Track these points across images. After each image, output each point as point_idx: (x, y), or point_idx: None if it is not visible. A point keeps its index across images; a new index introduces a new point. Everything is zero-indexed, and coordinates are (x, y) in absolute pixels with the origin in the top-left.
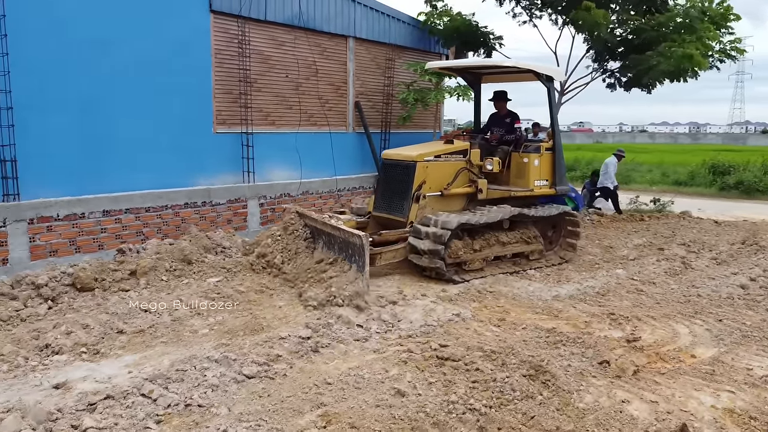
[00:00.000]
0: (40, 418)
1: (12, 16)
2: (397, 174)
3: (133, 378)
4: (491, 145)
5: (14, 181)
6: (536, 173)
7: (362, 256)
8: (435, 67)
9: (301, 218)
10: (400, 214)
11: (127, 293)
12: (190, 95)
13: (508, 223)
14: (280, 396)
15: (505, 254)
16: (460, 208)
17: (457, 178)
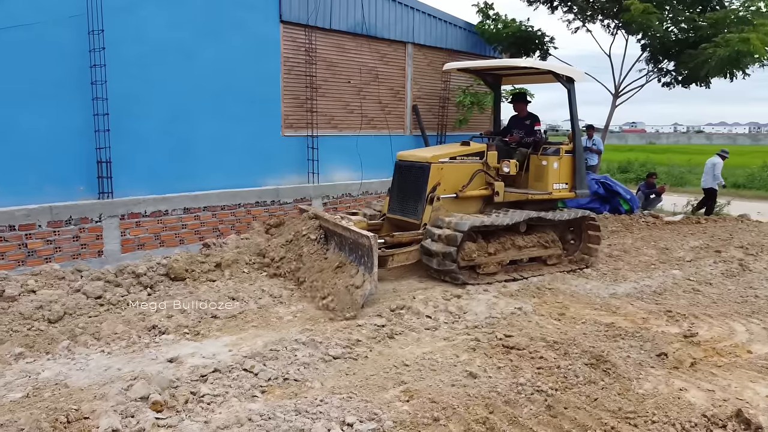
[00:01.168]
0: (163, 385)
1: (109, 31)
2: (411, 175)
3: (233, 355)
4: (510, 147)
5: (109, 180)
6: (555, 176)
7: (371, 257)
8: (454, 67)
9: (316, 220)
10: (413, 216)
11: (214, 283)
12: (261, 101)
13: (525, 227)
14: (364, 374)
15: (522, 258)
16: (476, 211)
17: (473, 180)
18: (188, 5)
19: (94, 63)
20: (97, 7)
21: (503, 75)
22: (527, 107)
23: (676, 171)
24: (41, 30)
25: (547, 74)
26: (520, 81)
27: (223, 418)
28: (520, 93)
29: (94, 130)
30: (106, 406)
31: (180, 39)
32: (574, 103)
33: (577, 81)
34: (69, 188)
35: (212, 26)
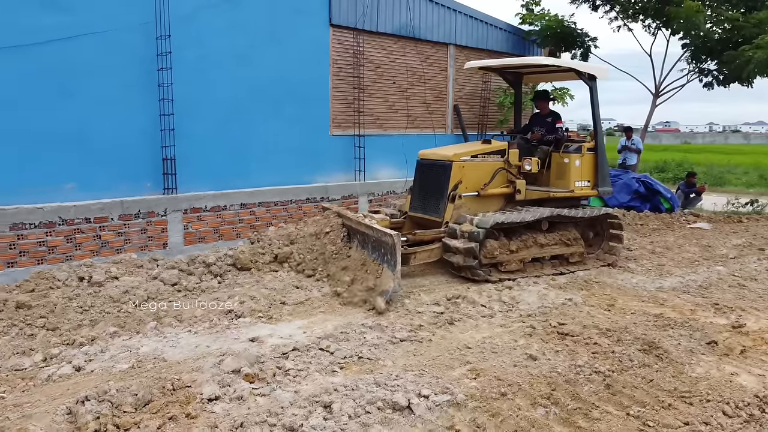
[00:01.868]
0: (251, 360)
1: (175, 36)
2: (433, 174)
3: (308, 336)
4: (531, 145)
5: (173, 176)
6: (577, 174)
7: (394, 255)
8: (475, 66)
9: (339, 217)
10: (435, 214)
11: (276, 273)
12: (311, 102)
13: (547, 224)
14: (431, 355)
15: (544, 256)
16: (498, 209)
17: (495, 179)
18: (245, 11)
19: (161, 66)
20: (164, 14)
21: (524, 73)
22: (549, 105)
23: (715, 171)
24: (114, 36)
25: (568, 72)
26: (542, 79)
27: (311, 389)
28: (542, 91)
29: (160, 129)
30: (204, 376)
31: (238, 43)
32: (596, 101)
33: (599, 78)
34: (137, 184)
35: (267, 31)
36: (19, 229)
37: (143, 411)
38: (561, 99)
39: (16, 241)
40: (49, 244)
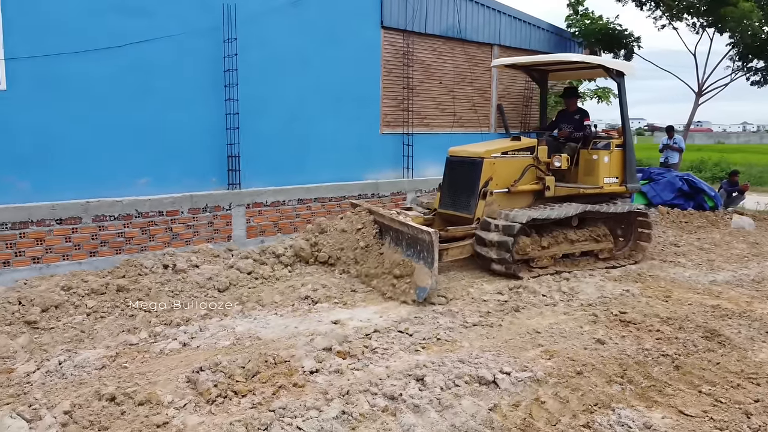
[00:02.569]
0: (339, 339)
1: (241, 39)
2: (463, 171)
3: (385, 320)
4: (559, 142)
5: (237, 173)
6: (606, 170)
7: (431, 252)
8: (501, 63)
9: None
10: (466, 211)
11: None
12: (362, 101)
13: (577, 221)
14: (503, 338)
15: (574, 252)
16: (527, 205)
17: (525, 175)
18: (306, 15)
19: (227, 68)
20: (231, 18)
21: (551, 70)
22: (577, 102)
23: (754, 170)
24: (187, 40)
25: (596, 68)
26: (569, 76)
27: (400, 365)
28: (571, 88)
29: (225, 127)
30: (300, 353)
31: (298, 45)
32: (624, 97)
33: (627, 75)
34: (204, 179)
35: (325, 33)
36: (101, 221)
37: (253, 381)
38: (605, 98)
39: (98, 232)
40: (126, 235)
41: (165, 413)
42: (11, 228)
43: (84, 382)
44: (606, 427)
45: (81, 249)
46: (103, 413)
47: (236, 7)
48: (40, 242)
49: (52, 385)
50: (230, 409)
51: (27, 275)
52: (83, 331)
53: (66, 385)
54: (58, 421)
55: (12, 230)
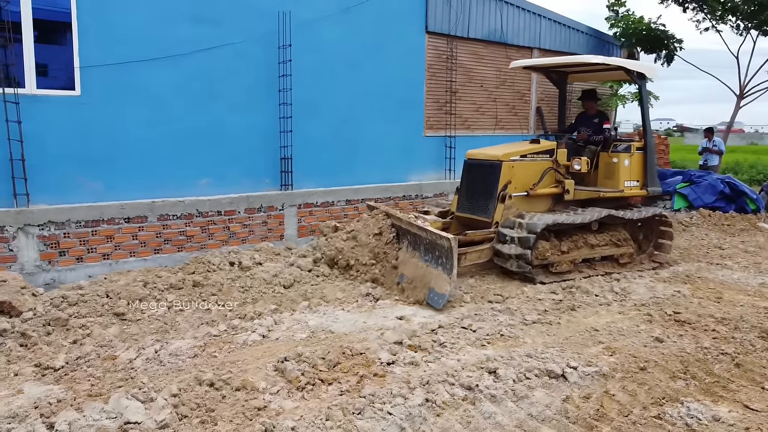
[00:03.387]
0: (408, 334)
1: (294, 44)
2: (481, 174)
3: (447, 317)
4: (578, 145)
5: (290, 174)
6: (626, 174)
7: (450, 258)
8: (520, 65)
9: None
10: (484, 215)
11: None
12: (407, 105)
13: (597, 225)
14: (563, 335)
15: (594, 257)
16: (546, 209)
17: (544, 179)
18: (355, 21)
19: (282, 73)
20: (286, 25)
21: (570, 72)
22: (596, 104)
23: None
24: (245, 46)
25: (617, 70)
26: (588, 78)
27: (471, 358)
28: (589, 90)
29: (279, 131)
30: (373, 346)
31: (348, 51)
32: (645, 99)
33: (648, 77)
34: (258, 180)
35: (373, 38)
36: (165, 220)
37: (335, 370)
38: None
39: (162, 231)
40: (187, 234)
41: (261, 398)
42: (84, 226)
43: (182, 369)
44: (677, 418)
45: (146, 246)
46: (206, 397)
47: (291, 14)
48: (110, 239)
49: (153, 371)
50: (321, 396)
51: (98, 271)
52: (166, 323)
53: (166, 372)
54: (170, 402)
55: (85, 228)
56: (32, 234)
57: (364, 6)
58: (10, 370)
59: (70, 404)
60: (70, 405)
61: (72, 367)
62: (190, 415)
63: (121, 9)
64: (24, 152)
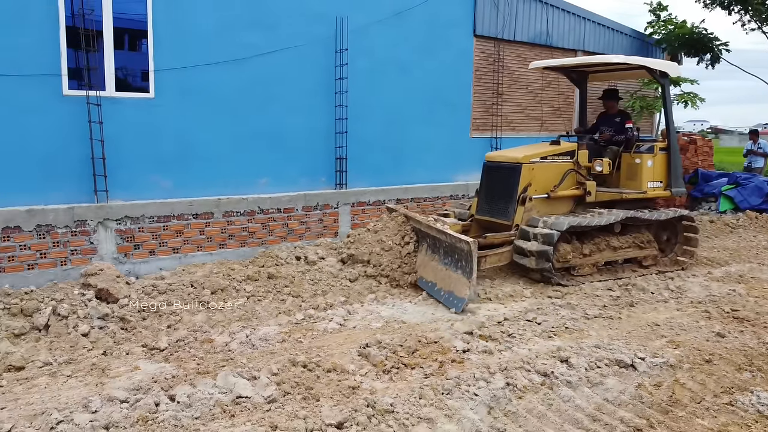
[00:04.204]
0: (476, 325)
1: (350, 49)
2: (501, 176)
3: (510, 311)
4: (599, 146)
5: (344, 174)
6: (650, 174)
7: (470, 262)
8: (540, 66)
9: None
10: (504, 218)
11: None
12: (454, 107)
13: (620, 227)
14: (625, 329)
15: (617, 260)
16: (567, 211)
17: (565, 180)
18: (406, 26)
19: (339, 76)
20: (343, 30)
21: (590, 72)
22: (617, 104)
23: None
24: (304, 50)
25: (638, 69)
26: (609, 77)
27: (541, 348)
28: (611, 90)
29: (335, 132)
30: (446, 335)
31: (399, 55)
32: (668, 99)
33: (671, 75)
34: (314, 179)
35: (423, 42)
36: (229, 216)
37: (415, 356)
38: (692, 102)
39: (227, 226)
40: (249, 230)
41: (352, 379)
42: (156, 221)
43: (274, 352)
44: (748, 405)
45: (212, 241)
46: (302, 377)
47: (348, 19)
48: (179, 234)
49: (248, 353)
50: (407, 378)
51: (168, 264)
52: (247, 311)
53: (261, 354)
54: (272, 380)
55: (157, 223)
56: (111, 228)
57: (416, 11)
58: (121, 349)
59: (183, 380)
60: (184, 380)
61: (175, 348)
62: (292, 392)
63: (191, 16)
64: (104, 151)
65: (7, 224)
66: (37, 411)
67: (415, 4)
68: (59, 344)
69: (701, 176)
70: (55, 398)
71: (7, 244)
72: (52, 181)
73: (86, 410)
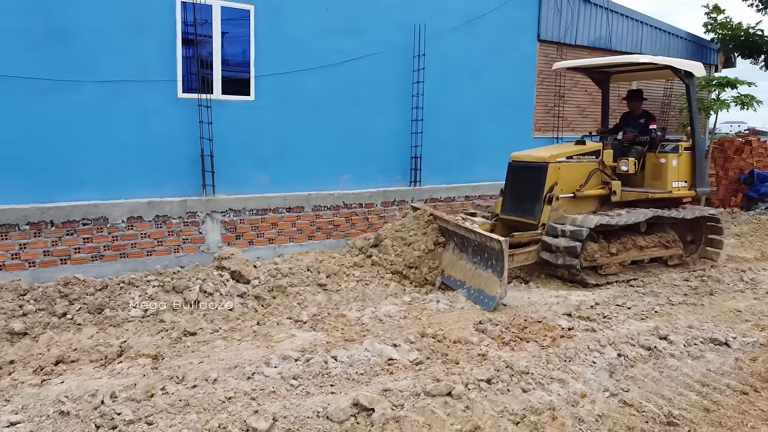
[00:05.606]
0: (573, 308)
1: (428, 55)
2: (527, 176)
3: (598, 297)
4: (624, 146)
5: (418, 171)
6: (674, 174)
7: (501, 260)
8: (563, 66)
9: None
10: (530, 217)
11: None
12: (518, 108)
13: (645, 226)
14: (710, 314)
15: (643, 259)
16: (593, 210)
17: (590, 180)
18: (476, 32)
19: (415, 80)
20: (420, 36)
21: (613, 72)
22: (642, 105)
23: None
24: (385, 56)
25: (663, 69)
26: (633, 78)
27: (637, 328)
28: (636, 90)
29: (411, 132)
30: (548, 315)
31: (470, 59)
32: (693, 99)
33: (696, 75)
34: (390, 177)
35: (492, 47)
36: (318, 210)
37: (525, 332)
38: (750, 105)
39: (315, 220)
40: (334, 223)
41: (478, 348)
42: (255, 214)
43: (401, 326)
44: None
45: (302, 233)
46: (435, 346)
47: (425, 27)
48: (274, 226)
49: (380, 326)
50: (526, 349)
51: (264, 254)
52: (359, 293)
53: (390, 327)
54: (413, 347)
55: (256, 215)
56: (217, 219)
57: (485, 18)
58: (271, 320)
59: (336, 345)
60: (337, 345)
61: (315, 321)
62: (432, 356)
63: (287, 26)
64: (213, 149)
65: (131, 214)
66: (229, 365)
67: (485, 11)
68: (212, 316)
69: (757, 177)
70: (238, 356)
71: (131, 232)
72: (167, 176)
73: (269, 366)
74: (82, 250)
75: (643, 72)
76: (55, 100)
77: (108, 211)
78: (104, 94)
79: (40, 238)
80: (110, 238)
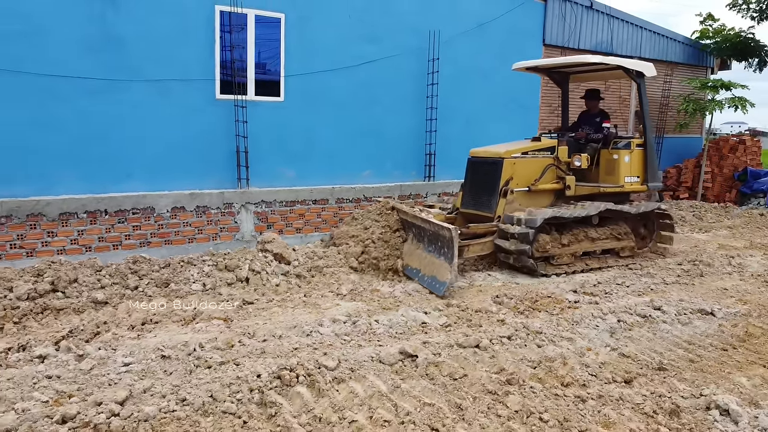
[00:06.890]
0: (578, 285)
1: (442, 58)
2: (484, 171)
3: (599, 277)
4: (579, 143)
5: (432, 167)
6: (627, 169)
7: (451, 248)
8: (522, 66)
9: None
10: (487, 210)
11: None
12: (524, 109)
13: (598, 219)
14: (699, 291)
15: (595, 250)
16: (548, 205)
17: (545, 175)
18: (486, 36)
19: (430, 82)
20: (434, 41)
21: (571, 73)
22: (599, 104)
23: None
24: (401, 59)
25: (616, 69)
26: (589, 78)
27: (635, 301)
28: (593, 90)
29: (425, 131)
30: (557, 291)
31: (479, 62)
32: (644, 98)
33: (647, 75)
34: (407, 172)
35: (499, 50)
36: (341, 203)
37: (537, 304)
38: (742, 107)
39: (338, 211)
40: (355, 216)
41: (497, 316)
42: (284, 205)
43: (428, 299)
44: None
45: (327, 224)
46: (460, 314)
47: (439, 32)
48: (301, 217)
49: (410, 299)
50: (538, 316)
51: (292, 242)
52: None
53: (420, 299)
54: (443, 314)
55: (285, 207)
56: (250, 210)
57: (494, 23)
58: (315, 294)
59: (375, 312)
60: (377, 312)
61: (353, 295)
62: (458, 321)
63: (313, 33)
64: (247, 146)
65: (175, 205)
66: (289, 326)
67: (494, 17)
68: (263, 290)
69: (750, 174)
70: (295, 319)
71: (174, 221)
72: (207, 170)
73: (322, 326)
74: (131, 237)
75: (599, 72)
76: (108, 98)
77: (155, 202)
78: (151, 93)
79: (95, 225)
80: (156, 226)
